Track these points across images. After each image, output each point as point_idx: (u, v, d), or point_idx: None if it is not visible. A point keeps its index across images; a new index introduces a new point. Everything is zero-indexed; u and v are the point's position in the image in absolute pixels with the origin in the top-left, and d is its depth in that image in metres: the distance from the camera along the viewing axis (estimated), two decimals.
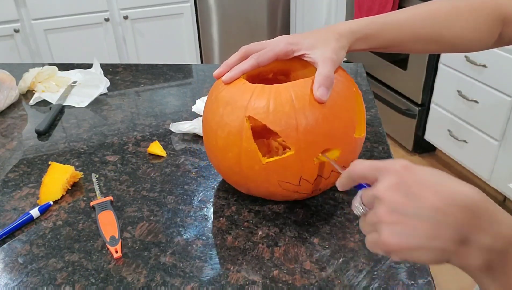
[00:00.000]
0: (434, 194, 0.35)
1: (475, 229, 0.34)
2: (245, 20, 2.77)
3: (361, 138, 0.64)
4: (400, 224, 0.36)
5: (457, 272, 1.61)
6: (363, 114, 0.64)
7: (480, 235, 0.34)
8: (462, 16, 0.62)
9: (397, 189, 0.37)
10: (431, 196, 0.35)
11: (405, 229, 0.36)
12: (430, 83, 2.05)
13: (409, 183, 0.36)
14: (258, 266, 0.57)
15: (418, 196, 0.36)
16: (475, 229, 0.34)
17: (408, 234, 0.36)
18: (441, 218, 0.35)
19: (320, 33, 0.61)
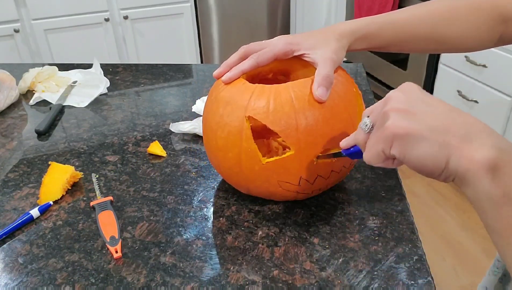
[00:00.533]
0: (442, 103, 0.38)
1: (482, 130, 0.35)
2: (245, 20, 2.78)
3: None
4: (409, 112, 0.38)
5: (457, 272, 1.62)
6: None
7: (487, 136, 0.35)
8: (461, 16, 0.62)
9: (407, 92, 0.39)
10: (439, 103, 0.38)
11: (412, 116, 0.37)
12: (430, 83, 2.05)
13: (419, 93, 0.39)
14: (258, 266, 0.57)
15: (426, 100, 0.38)
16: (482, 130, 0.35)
17: (415, 120, 0.37)
18: (447, 115, 0.37)
19: (320, 33, 0.61)
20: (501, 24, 0.62)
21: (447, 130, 0.36)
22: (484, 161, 0.34)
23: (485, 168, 0.34)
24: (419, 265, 0.56)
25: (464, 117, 0.37)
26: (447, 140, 0.36)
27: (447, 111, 0.37)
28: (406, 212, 0.64)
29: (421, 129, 0.36)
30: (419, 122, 0.37)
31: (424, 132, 0.36)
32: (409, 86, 0.41)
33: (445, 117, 0.37)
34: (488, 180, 0.34)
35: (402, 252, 0.57)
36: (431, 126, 0.36)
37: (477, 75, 1.78)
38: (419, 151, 0.37)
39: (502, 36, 0.63)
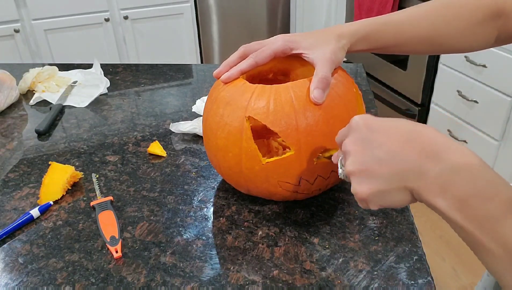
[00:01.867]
0: (387, 138, 0.40)
1: (427, 159, 0.37)
2: (245, 20, 2.78)
3: None
4: (363, 172, 0.41)
5: (457, 273, 1.62)
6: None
7: (432, 164, 0.37)
8: (459, 16, 0.62)
9: (356, 142, 0.42)
10: (385, 140, 0.40)
11: (368, 176, 0.41)
12: (430, 83, 2.05)
13: (366, 135, 0.42)
14: (258, 266, 0.57)
15: (373, 144, 0.41)
16: (427, 159, 0.37)
17: (371, 179, 0.40)
18: (396, 157, 0.39)
19: (320, 33, 0.62)
20: (498, 21, 0.62)
21: (400, 175, 0.39)
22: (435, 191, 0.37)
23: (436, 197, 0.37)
24: (419, 265, 0.56)
25: (412, 144, 0.38)
26: (403, 184, 0.39)
27: (396, 148, 0.39)
28: (406, 212, 0.64)
29: (379, 185, 0.40)
30: (374, 179, 0.40)
31: (383, 186, 0.40)
32: (354, 127, 0.44)
33: (396, 160, 0.39)
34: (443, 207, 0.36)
35: (402, 252, 0.58)
36: (385, 177, 0.40)
37: (477, 75, 1.78)
38: (389, 200, 0.41)
39: (499, 34, 0.63)
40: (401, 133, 0.40)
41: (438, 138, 0.38)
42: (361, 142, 0.42)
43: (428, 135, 0.39)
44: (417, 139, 0.39)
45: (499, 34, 0.63)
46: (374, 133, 0.41)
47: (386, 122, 0.42)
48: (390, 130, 0.41)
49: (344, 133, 0.46)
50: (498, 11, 0.61)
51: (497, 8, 0.61)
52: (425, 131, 0.39)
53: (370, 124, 0.42)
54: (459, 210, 0.36)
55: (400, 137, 0.40)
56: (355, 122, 0.44)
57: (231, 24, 2.74)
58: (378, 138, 0.41)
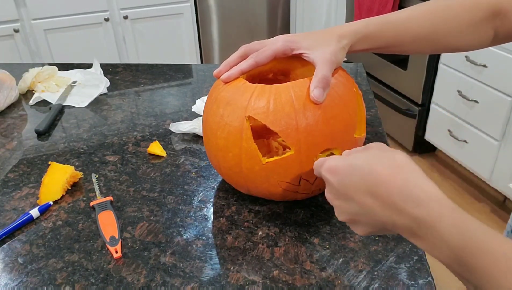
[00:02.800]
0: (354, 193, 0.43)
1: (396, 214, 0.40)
2: (245, 20, 2.78)
3: (361, 138, 0.63)
4: (352, 221, 0.45)
5: None
6: (363, 114, 0.64)
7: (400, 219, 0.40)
8: (458, 15, 0.62)
9: (332, 195, 0.46)
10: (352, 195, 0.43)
11: (357, 223, 0.45)
12: (430, 83, 2.05)
13: (337, 187, 0.45)
14: (258, 266, 0.57)
15: (346, 198, 0.44)
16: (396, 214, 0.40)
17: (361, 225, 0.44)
18: (368, 211, 0.42)
19: (320, 34, 0.61)
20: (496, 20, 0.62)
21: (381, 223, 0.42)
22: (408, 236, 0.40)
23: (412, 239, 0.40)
24: (419, 265, 0.56)
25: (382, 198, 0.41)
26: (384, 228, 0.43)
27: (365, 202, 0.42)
28: None
29: (370, 228, 0.44)
30: (364, 225, 0.44)
31: (373, 230, 0.44)
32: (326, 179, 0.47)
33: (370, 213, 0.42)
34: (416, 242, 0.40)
35: (402, 252, 0.57)
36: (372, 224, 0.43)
37: (477, 75, 1.78)
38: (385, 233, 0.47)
39: (497, 33, 0.63)
40: (363, 184, 0.42)
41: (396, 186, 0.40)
42: (335, 195, 0.46)
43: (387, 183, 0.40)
44: (378, 192, 0.41)
45: (497, 33, 0.63)
46: (342, 185, 0.44)
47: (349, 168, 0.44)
48: (354, 180, 0.43)
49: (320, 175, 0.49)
50: (497, 11, 0.61)
51: (496, 7, 0.61)
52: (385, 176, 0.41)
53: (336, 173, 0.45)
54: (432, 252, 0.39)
55: (364, 189, 0.42)
56: (323, 175, 0.47)
57: (231, 24, 2.74)
58: (346, 191, 0.44)
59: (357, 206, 0.43)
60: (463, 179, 2.10)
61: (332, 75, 0.59)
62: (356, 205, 0.43)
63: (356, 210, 0.44)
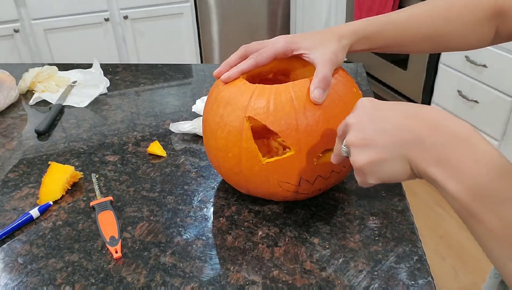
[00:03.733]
0: (392, 111, 0.41)
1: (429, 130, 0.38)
2: (245, 20, 2.78)
3: None
4: (364, 141, 0.42)
5: (457, 272, 1.62)
6: None
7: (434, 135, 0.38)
8: (459, 15, 0.62)
9: (361, 114, 0.44)
10: (390, 113, 0.41)
11: (367, 145, 0.42)
12: (430, 83, 2.05)
13: (371, 108, 0.43)
14: (258, 266, 0.57)
15: (378, 115, 0.42)
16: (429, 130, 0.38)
17: (370, 148, 0.41)
18: (397, 127, 0.40)
19: (321, 34, 0.61)
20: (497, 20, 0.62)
21: (400, 143, 0.40)
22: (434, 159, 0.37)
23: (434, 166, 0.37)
24: (419, 265, 0.56)
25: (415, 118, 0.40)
26: (402, 152, 0.40)
27: (399, 120, 0.40)
28: (406, 212, 0.64)
29: (378, 153, 0.41)
30: (375, 149, 0.41)
31: (382, 155, 0.41)
32: (361, 104, 0.45)
33: (397, 130, 0.40)
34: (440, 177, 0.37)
35: (402, 252, 0.57)
36: (386, 146, 0.40)
37: (477, 75, 1.78)
38: (387, 171, 0.41)
39: (498, 33, 0.63)
40: (406, 108, 0.41)
41: (442, 113, 0.39)
42: (366, 116, 0.43)
43: (433, 110, 0.39)
44: (421, 113, 0.40)
45: (498, 32, 0.63)
46: (379, 110, 0.43)
47: (392, 102, 0.43)
48: (395, 106, 0.42)
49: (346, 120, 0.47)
50: (498, 10, 0.61)
51: (497, 7, 0.61)
52: (431, 108, 0.40)
53: (376, 102, 0.44)
54: (454, 180, 0.36)
55: (405, 111, 0.41)
56: (361, 102, 0.45)
57: (231, 24, 2.74)
58: (382, 112, 0.42)
59: (386, 124, 0.41)
60: None
61: (332, 75, 0.59)
62: (386, 123, 0.41)
63: (381, 127, 0.41)
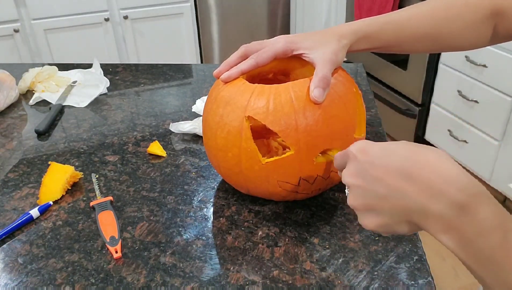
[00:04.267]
0: (386, 172, 0.39)
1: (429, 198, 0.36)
2: (245, 20, 2.77)
3: (361, 138, 0.63)
4: (367, 207, 0.41)
5: (457, 272, 1.62)
6: (363, 114, 0.64)
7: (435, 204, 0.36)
8: (459, 15, 0.62)
9: (355, 175, 0.42)
10: (384, 175, 0.39)
11: (372, 211, 0.41)
12: (430, 83, 2.05)
13: (364, 167, 0.41)
14: (258, 266, 0.57)
15: (373, 178, 0.40)
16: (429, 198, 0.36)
17: (375, 214, 0.41)
18: (397, 194, 0.38)
19: (320, 34, 0.61)
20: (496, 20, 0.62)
21: (403, 211, 0.38)
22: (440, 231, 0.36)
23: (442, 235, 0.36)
24: (419, 265, 0.56)
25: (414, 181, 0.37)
26: (408, 219, 0.39)
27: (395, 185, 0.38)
28: None
29: (384, 219, 0.40)
30: (379, 214, 0.40)
31: (388, 221, 0.40)
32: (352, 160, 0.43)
33: (397, 197, 0.38)
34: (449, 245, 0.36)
35: (402, 252, 0.57)
36: (391, 213, 0.39)
37: (477, 75, 1.78)
38: (395, 231, 0.41)
39: (497, 33, 0.63)
40: (400, 166, 0.38)
41: (439, 170, 0.36)
42: (360, 175, 0.41)
43: (429, 167, 0.37)
44: (417, 174, 0.37)
45: (497, 32, 0.64)
46: (372, 166, 0.40)
47: (383, 151, 0.40)
48: (388, 162, 0.39)
49: (342, 160, 0.46)
50: (497, 10, 0.61)
51: (496, 7, 0.61)
52: (425, 161, 0.37)
53: (367, 153, 0.41)
54: (464, 250, 0.35)
55: (400, 171, 0.38)
56: (351, 153, 0.42)
57: (231, 24, 2.74)
58: (376, 171, 0.39)
59: (384, 189, 0.39)
60: None
61: (332, 75, 0.59)
62: (383, 187, 0.39)
63: (380, 193, 0.39)
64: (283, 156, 0.58)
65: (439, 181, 0.36)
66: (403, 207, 0.38)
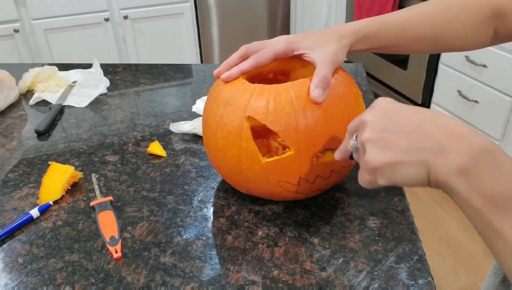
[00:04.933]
0: (413, 115, 0.40)
1: (451, 139, 0.37)
2: (245, 20, 2.78)
3: None
4: (382, 140, 0.40)
5: (457, 273, 1.62)
6: None
7: (456, 144, 0.36)
8: (458, 16, 0.62)
9: (380, 113, 0.41)
10: (410, 116, 0.40)
11: (386, 145, 0.39)
12: (430, 83, 2.05)
13: (391, 109, 0.41)
14: (258, 266, 0.57)
15: (398, 117, 0.40)
16: (451, 139, 0.37)
17: (389, 148, 0.39)
18: (418, 132, 0.38)
19: (321, 34, 0.62)
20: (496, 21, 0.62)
21: (421, 149, 0.38)
22: (457, 168, 0.36)
23: (458, 174, 0.36)
24: (419, 265, 0.56)
25: (436, 124, 0.38)
26: (422, 158, 0.38)
27: (420, 124, 0.39)
28: (406, 212, 0.64)
29: (397, 155, 0.39)
30: (393, 149, 0.39)
31: (400, 157, 0.38)
32: (380, 104, 0.42)
33: (418, 134, 0.38)
34: (462, 181, 0.36)
35: (402, 252, 0.57)
36: (406, 149, 0.38)
37: (477, 75, 1.78)
38: (401, 175, 0.39)
39: (497, 34, 0.64)
40: (428, 114, 0.39)
41: (463, 124, 0.38)
42: (385, 115, 0.41)
43: (454, 119, 0.38)
44: (442, 120, 0.38)
45: (497, 33, 0.64)
46: (399, 111, 0.41)
47: (411, 106, 0.41)
48: (416, 110, 0.40)
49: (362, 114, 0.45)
50: (497, 11, 0.61)
51: (496, 7, 0.61)
52: (451, 118, 0.39)
53: (395, 103, 0.42)
54: (477, 192, 0.35)
55: (427, 115, 0.39)
56: (380, 101, 0.43)
57: (231, 24, 2.74)
58: (403, 114, 0.40)
59: (405, 124, 0.39)
60: None
61: (332, 75, 0.59)
62: (405, 123, 0.39)
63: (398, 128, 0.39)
64: (283, 156, 0.58)
65: (464, 129, 0.37)
66: (424, 145, 0.38)
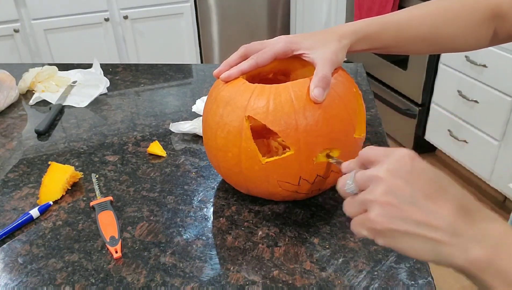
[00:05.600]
0: (432, 185, 0.37)
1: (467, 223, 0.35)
2: (245, 20, 2.78)
3: (361, 138, 0.63)
4: (393, 206, 0.36)
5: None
6: (363, 114, 0.64)
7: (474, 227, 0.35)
8: (458, 16, 0.62)
9: (398, 174, 0.37)
10: (429, 186, 0.37)
11: (396, 212, 0.36)
12: (430, 83, 2.05)
13: (411, 171, 0.37)
14: (258, 266, 0.57)
15: (416, 184, 0.37)
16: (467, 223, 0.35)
17: (400, 217, 0.36)
18: (434, 208, 0.36)
19: (321, 34, 0.62)
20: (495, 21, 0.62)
21: (435, 227, 0.35)
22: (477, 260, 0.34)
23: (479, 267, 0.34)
24: (419, 265, 0.56)
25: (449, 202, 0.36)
26: (434, 236, 0.35)
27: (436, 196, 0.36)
28: None
29: (407, 226, 0.36)
30: (404, 219, 0.36)
31: (410, 229, 0.36)
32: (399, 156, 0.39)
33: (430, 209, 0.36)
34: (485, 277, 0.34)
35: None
36: (418, 222, 0.36)
37: (477, 75, 1.78)
38: (404, 245, 0.37)
39: (496, 34, 0.64)
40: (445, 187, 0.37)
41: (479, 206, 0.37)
42: (403, 175, 0.37)
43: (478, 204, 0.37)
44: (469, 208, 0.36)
45: (496, 33, 0.64)
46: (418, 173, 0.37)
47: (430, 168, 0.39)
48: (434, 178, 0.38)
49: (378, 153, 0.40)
50: (496, 12, 0.62)
51: (495, 8, 0.61)
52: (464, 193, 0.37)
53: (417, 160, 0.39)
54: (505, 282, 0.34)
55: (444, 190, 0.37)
56: (400, 153, 0.39)
57: (231, 24, 2.74)
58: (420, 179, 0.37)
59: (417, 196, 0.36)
60: (463, 179, 2.10)
61: (332, 75, 0.59)
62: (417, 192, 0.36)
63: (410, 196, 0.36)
64: (283, 156, 0.58)
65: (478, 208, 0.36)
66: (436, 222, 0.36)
